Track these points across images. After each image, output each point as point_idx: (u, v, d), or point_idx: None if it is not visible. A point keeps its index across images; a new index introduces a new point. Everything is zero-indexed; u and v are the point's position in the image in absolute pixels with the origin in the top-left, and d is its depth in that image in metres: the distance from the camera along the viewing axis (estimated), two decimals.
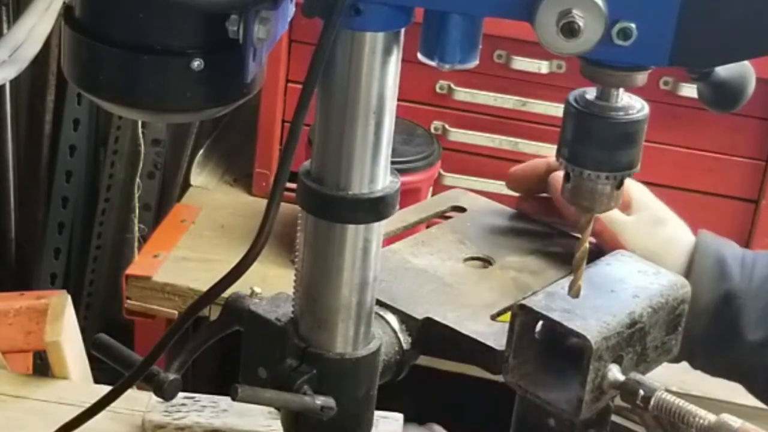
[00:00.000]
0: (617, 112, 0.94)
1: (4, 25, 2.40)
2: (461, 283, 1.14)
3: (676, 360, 1.13)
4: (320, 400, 1.01)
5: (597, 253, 1.11)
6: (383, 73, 0.95)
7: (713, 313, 1.15)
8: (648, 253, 1.15)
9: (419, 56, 0.95)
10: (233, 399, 0.98)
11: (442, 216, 1.28)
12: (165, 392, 1.04)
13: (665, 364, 1.07)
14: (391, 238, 1.04)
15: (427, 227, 1.24)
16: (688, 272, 1.16)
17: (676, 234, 1.21)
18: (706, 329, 1.15)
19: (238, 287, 1.01)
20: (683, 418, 0.97)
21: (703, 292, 1.15)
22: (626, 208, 1.18)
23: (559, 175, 1.19)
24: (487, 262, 1.18)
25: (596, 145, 0.95)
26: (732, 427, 0.95)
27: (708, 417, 0.96)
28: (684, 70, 1.06)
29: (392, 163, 1.00)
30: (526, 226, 1.23)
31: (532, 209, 1.23)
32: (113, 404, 1.05)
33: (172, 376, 1.04)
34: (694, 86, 1.10)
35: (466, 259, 1.18)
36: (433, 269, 1.16)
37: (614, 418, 1.07)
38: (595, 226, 1.02)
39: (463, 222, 1.24)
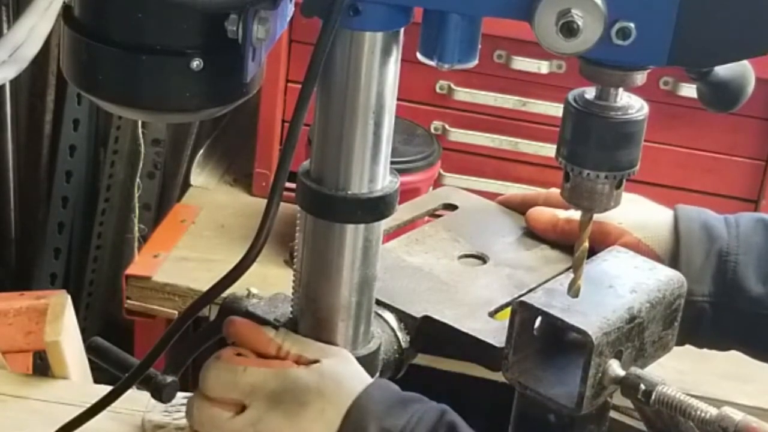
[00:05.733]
0: (616, 112, 0.94)
1: (4, 25, 2.40)
2: (457, 281, 1.14)
3: (681, 343, 1.13)
4: None
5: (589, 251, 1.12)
6: (382, 72, 0.95)
7: (713, 274, 1.15)
8: (632, 225, 1.16)
9: (419, 56, 0.95)
10: None
11: (434, 214, 1.28)
12: (162, 395, 1.04)
13: (663, 362, 1.07)
14: (384, 237, 1.04)
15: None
16: (677, 239, 1.17)
17: (652, 206, 1.22)
18: (709, 291, 1.15)
19: (237, 287, 1.01)
20: (685, 411, 0.97)
21: (696, 256, 1.16)
22: (607, 236, 1.18)
23: (538, 210, 1.21)
24: (481, 259, 1.18)
25: (595, 145, 0.95)
26: (733, 419, 0.95)
27: (709, 410, 0.96)
28: (683, 70, 1.06)
29: (392, 163, 1.00)
30: (517, 223, 1.24)
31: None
32: (113, 404, 1.05)
33: (169, 379, 1.04)
34: (694, 86, 1.10)
35: (460, 257, 1.18)
36: (429, 267, 1.16)
37: (612, 413, 1.08)
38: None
39: (456, 219, 1.24)
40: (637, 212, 1.19)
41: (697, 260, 1.15)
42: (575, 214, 1.01)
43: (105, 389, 1.06)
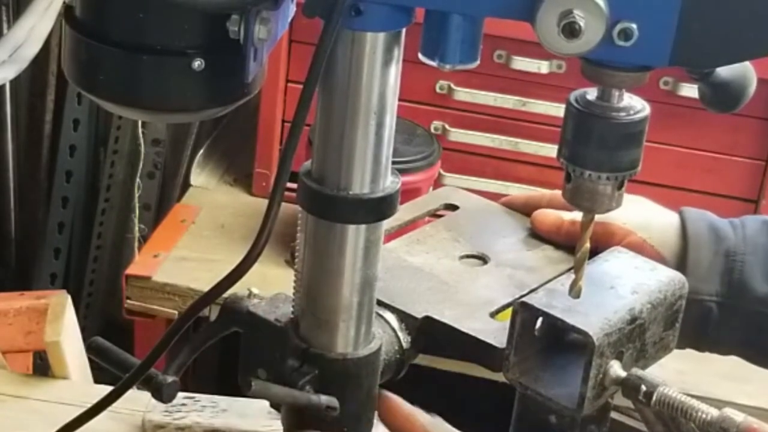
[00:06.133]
0: (618, 113, 0.94)
1: (4, 25, 2.40)
2: (458, 281, 1.14)
3: (683, 346, 1.13)
4: (325, 400, 1.01)
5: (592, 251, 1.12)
6: (384, 73, 0.95)
7: (720, 272, 1.16)
8: (637, 225, 1.17)
9: (420, 56, 0.95)
10: (246, 392, 0.98)
11: (435, 214, 1.28)
12: (163, 395, 1.03)
13: (664, 363, 1.07)
14: (385, 237, 1.04)
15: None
16: (685, 240, 1.17)
17: (656, 207, 1.23)
18: (716, 291, 1.16)
19: (238, 288, 1.01)
20: (686, 413, 0.97)
21: (704, 256, 1.16)
22: (611, 236, 1.18)
23: (542, 212, 1.21)
24: (481, 259, 1.18)
25: (597, 146, 0.95)
26: (735, 421, 0.95)
27: (710, 412, 0.96)
28: (685, 71, 1.06)
29: (392, 163, 1.00)
30: (518, 223, 1.24)
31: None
32: (114, 404, 1.05)
33: (170, 379, 1.03)
34: (694, 86, 1.10)
35: (461, 257, 1.18)
36: (429, 267, 1.16)
37: (613, 414, 1.08)
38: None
39: (457, 219, 1.24)
40: (641, 213, 1.19)
41: (705, 260, 1.16)
42: (580, 216, 1.01)
43: (105, 389, 1.06)
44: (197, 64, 0.91)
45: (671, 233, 1.18)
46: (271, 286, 1.10)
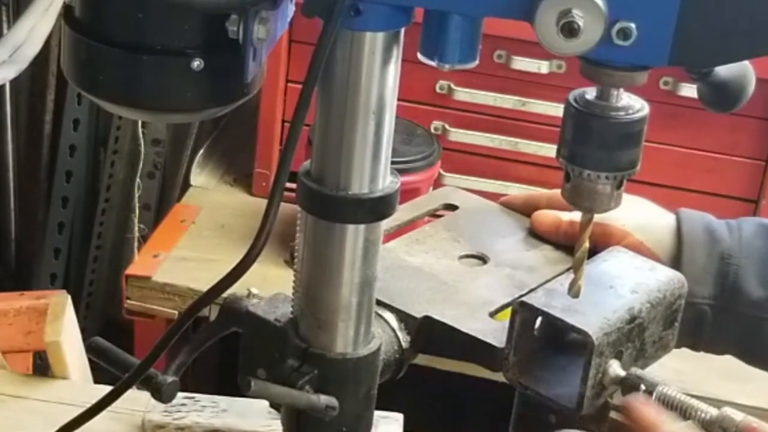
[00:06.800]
0: (617, 112, 0.94)
1: (4, 25, 2.40)
2: (457, 281, 1.14)
3: (677, 346, 1.13)
4: (324, 400, 1.01)
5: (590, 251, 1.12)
6: (383, 73, 0.95)
7: (715, 275, 1.16)
8: (634, 227, 1.17)
9: (419, 56, 0.95)
10: (245, 392, 0.99)
11: (434, 214, 1.28)
12: (163, 395, 1.04)
13: (663, 363, 1.08)
14: (384, 237, 1.04)
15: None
16: (680, 240, 1.17)
17: (655, 208, 1.23)
18: (710, 294, 1.16)
19: (238, 287, 1.01)
20: (685, 412, 0.97)
21: (699, 257, 1.16)
22: (609, 237, 1.18)
23: (541, 213, 1.21)
24: (481, 259, 1.18)
25: (596, 145, 0.95)
26: (734, 420, 0.95)
27: (710, 411, 0.96)
28: (684, 70, 1.06)
29: (392, 163, 1.00)
30: (517, 223, 1.24)
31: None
32: (113, 404, 1.05)
33: (169, 379, 1.04)
34: (695, 86, 1.11)
35: (461, 257, 1.18)
36: (429, 267, 1.16)
37: (612, 414, 1.08)
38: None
39: (456, 220, 1.25)
40: (640, 214, 1.19)
41: (700, 261, 1.15)
42: (578, 216, 1.01)
43: (105, 389, 1.06)
44: (196, 64, 0.91)
45: (667, 236, 1.18)
46: (270, 286, 1.10)
